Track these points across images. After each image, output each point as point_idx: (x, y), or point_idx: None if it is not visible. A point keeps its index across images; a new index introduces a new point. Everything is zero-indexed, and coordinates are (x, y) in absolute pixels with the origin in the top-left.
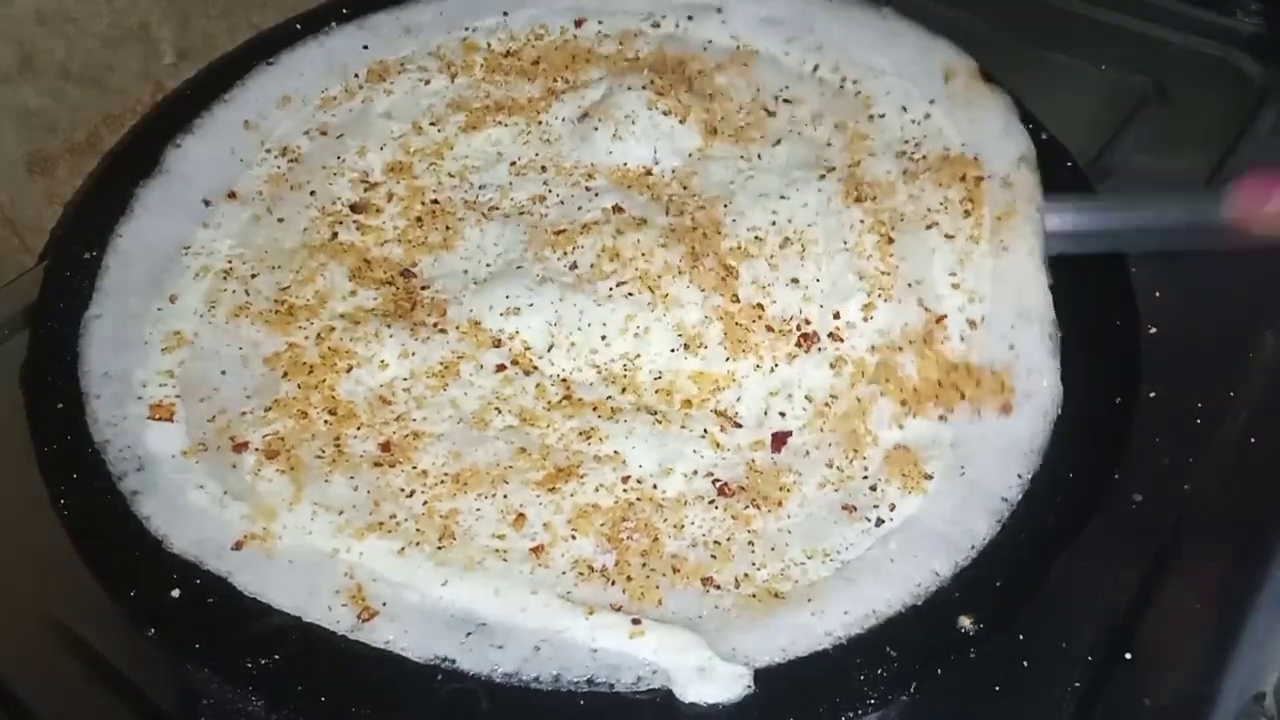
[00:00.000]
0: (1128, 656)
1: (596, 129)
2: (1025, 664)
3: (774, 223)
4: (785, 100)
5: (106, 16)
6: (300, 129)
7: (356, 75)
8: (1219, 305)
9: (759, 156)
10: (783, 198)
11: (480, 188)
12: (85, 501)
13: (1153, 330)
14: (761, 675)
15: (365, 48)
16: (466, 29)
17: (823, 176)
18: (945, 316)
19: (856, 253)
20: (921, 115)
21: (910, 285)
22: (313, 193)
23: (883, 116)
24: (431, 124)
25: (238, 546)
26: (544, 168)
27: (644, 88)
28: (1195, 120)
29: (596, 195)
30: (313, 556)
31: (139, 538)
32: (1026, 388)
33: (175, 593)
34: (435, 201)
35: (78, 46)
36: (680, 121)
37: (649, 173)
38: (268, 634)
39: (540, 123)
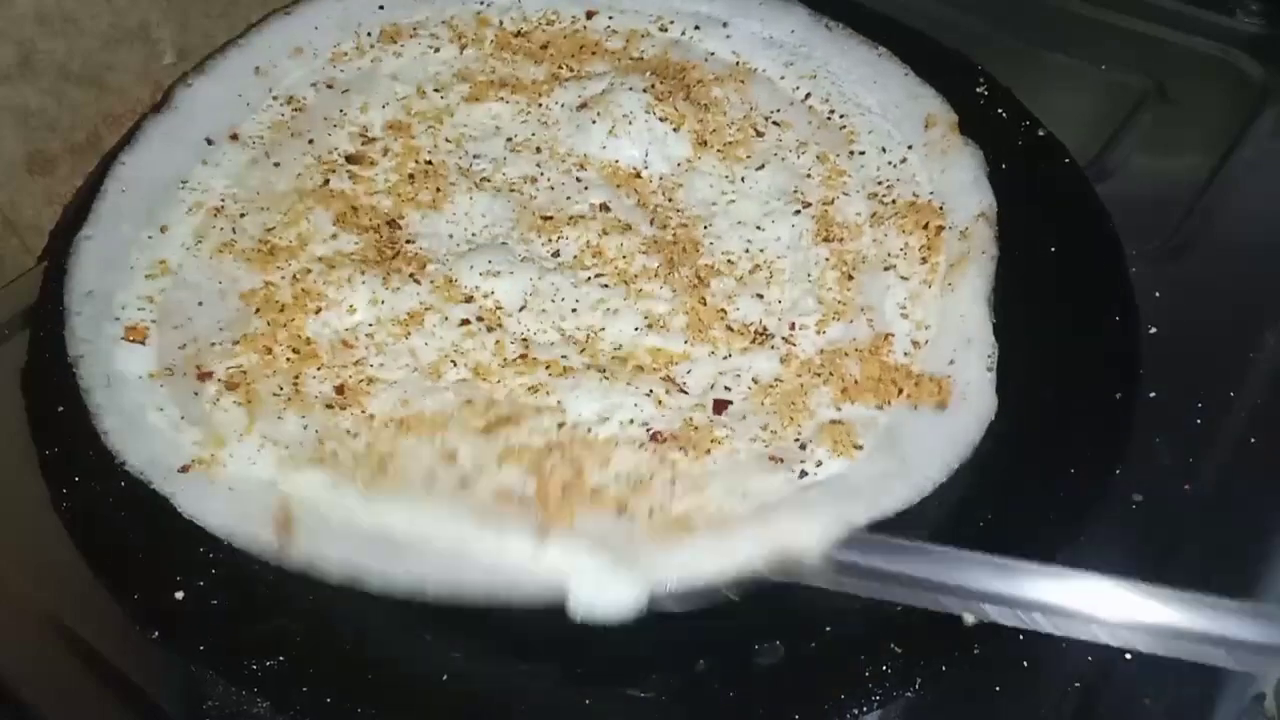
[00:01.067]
0: (1128, 656)
1: (594, 121)
2: (1025, 664)
3: (747, 250)
4: (775, 123)
5: (106, 16)
6: (308, 80)
7: (369, 34)
8: (1219, 305)
9: (742, 179)
10: (758, 228)
11: (475, 156)
12: (88, 505)
13: (1153, 330)
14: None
15: (381, 8)
16: (481, 3)
17: (797, 212)
18: (892, 335)
19: (818, 284)
20: (898, 159)
21: (862, 309)
22: (311, 141)
23: (863, 154)
24: (435, 90)
25: (184, 469)
26: (539, 149)
27: (645, 90)
28: (1195, 120)
29: (586, 188)
30: (251, 485)
31: (142, 538)
32: (963, 393)
33: (179, 595)
34: (429, 162)
35: (78, 46)
36: (675, 129)
37: (638, 175)
38: (273, 635)
39: (541, 105)
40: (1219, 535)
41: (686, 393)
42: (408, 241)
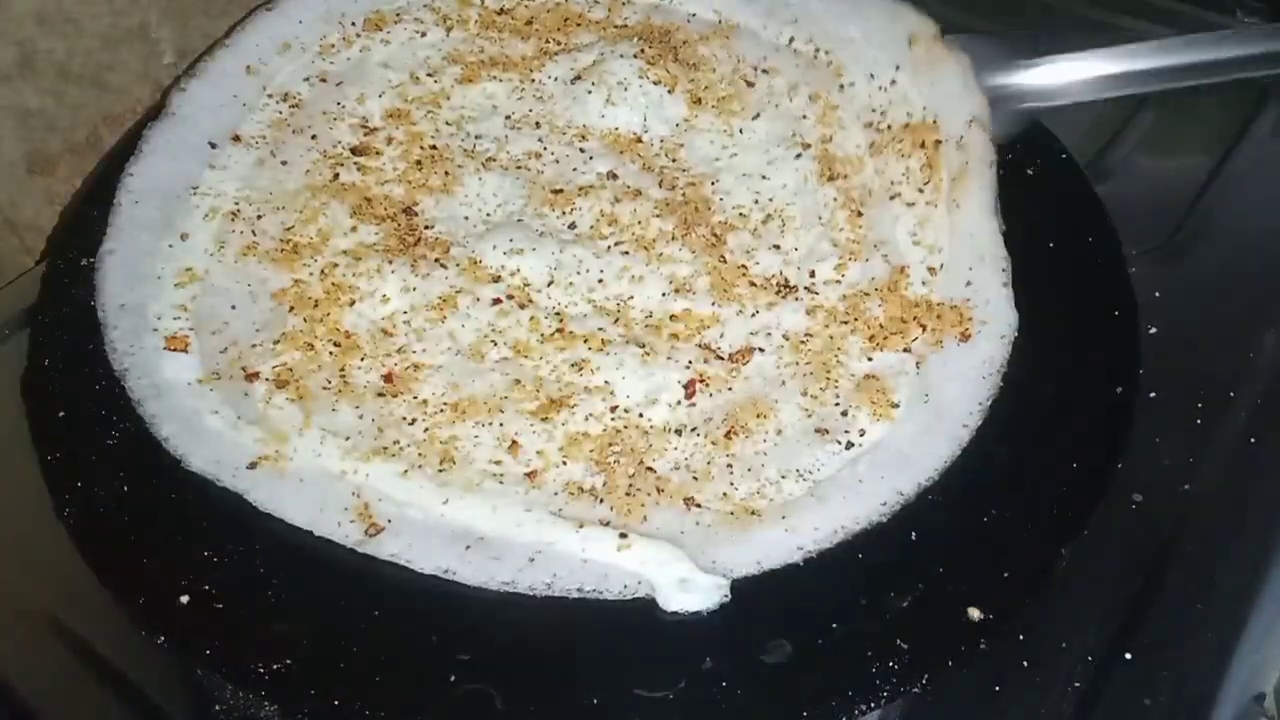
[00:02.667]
0: (1128, 656)
1: (590, 92)
2: (1025, 664)
3: (756, 201)
4: (763, 71)
5: (106, 16)
6: (300, 75)
7: (354, 24)
8: (1219, 305)
9: (740, 131)
10: (764, 178)
11: (477, 137)
12: (90, 509)
13: (1153, 330)
14: (777, 666)
15: None
16: None
17: (799, 156)
18: (908, 267)
19: (830, 226)
20: (888, 81)
21: (875, 245)
22: (314, 136)
23: (852, 85)
24: (429, 75)
25: (252, 466)
26: (538, 124)
27: (635, 56)
28: (1195, 120)
29: (591, 159)
30: (322, 477)
31: (145, 543)
32: (983, 315)
33: (184, 599)
34: (434, 147)
35: (78, 46)
36: (669, 91)
37: (639, 140)
38: (279, 639)
39: (534, 80)
40: (1219, 535)
41: (722, 358)
42: (426, 227)
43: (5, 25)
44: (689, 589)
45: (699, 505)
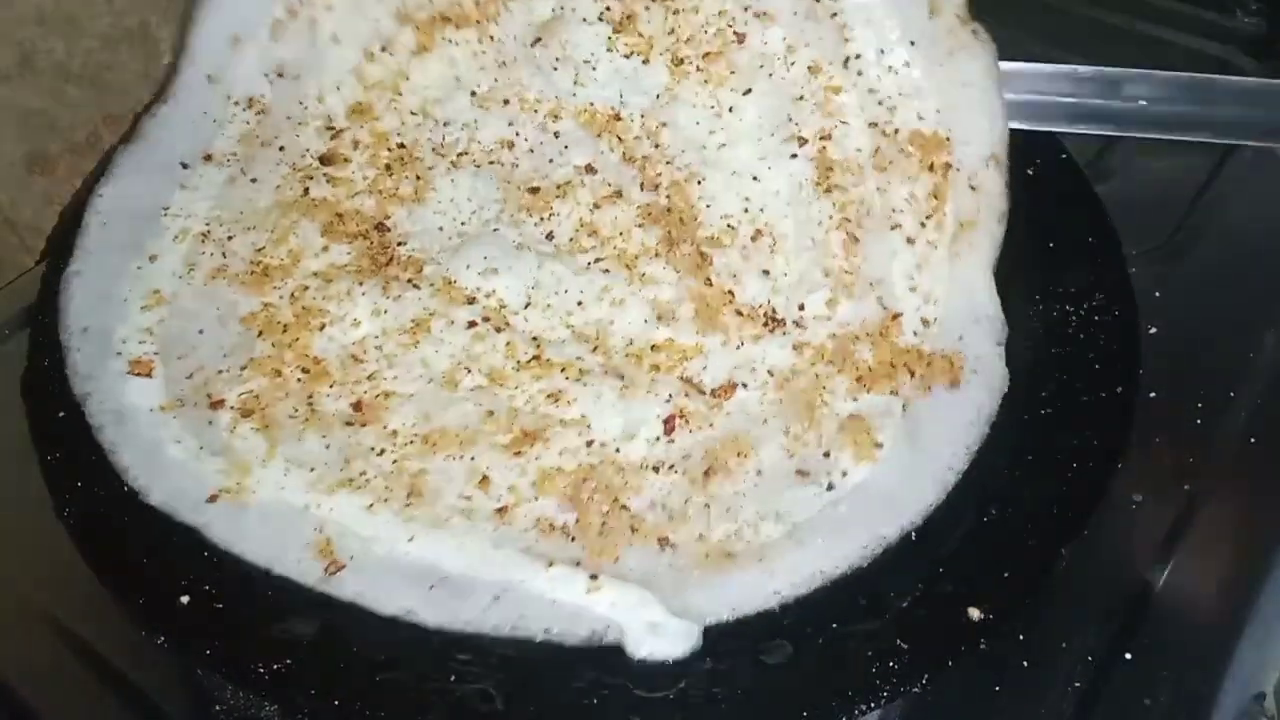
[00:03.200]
0: (1128, 656)
1: (556, 68)
2: (1025, 664)
3: (746, 210)
4: (755, 14)
5: (106, 16)
6: (259, 71)
7: None
8: (1219, 305)
9: (730, 109)
10: (755, 179)
11: (445, 125)
12: (90, 510)
13: (1153, 330)
14: (777, 666)
15: None
16: None
17: (794, 156)
18: (901, 315)
19: (823, 250)
20: (900, 62)
21: (871, 284)
22: (282, 148)
23: (858, 58)
24: (383, 49)
25: (212, 499)
26: (506, 101)
27: (599, 19)
28: None
29: (566, 147)
30: (285, 511)
31: (145, 544)
32: (975, 366)
33: (184, 599)
34: (402, 146)
35: (78, 46)
36: (644, 61)
37: (617, 117)
38: (279, 640)
39: (492, 39)
40: (1219, 535)
41: (704, 392)
42: (399, 244)
43: (5, 25)
44: (659, 634)
45: (673, 546)
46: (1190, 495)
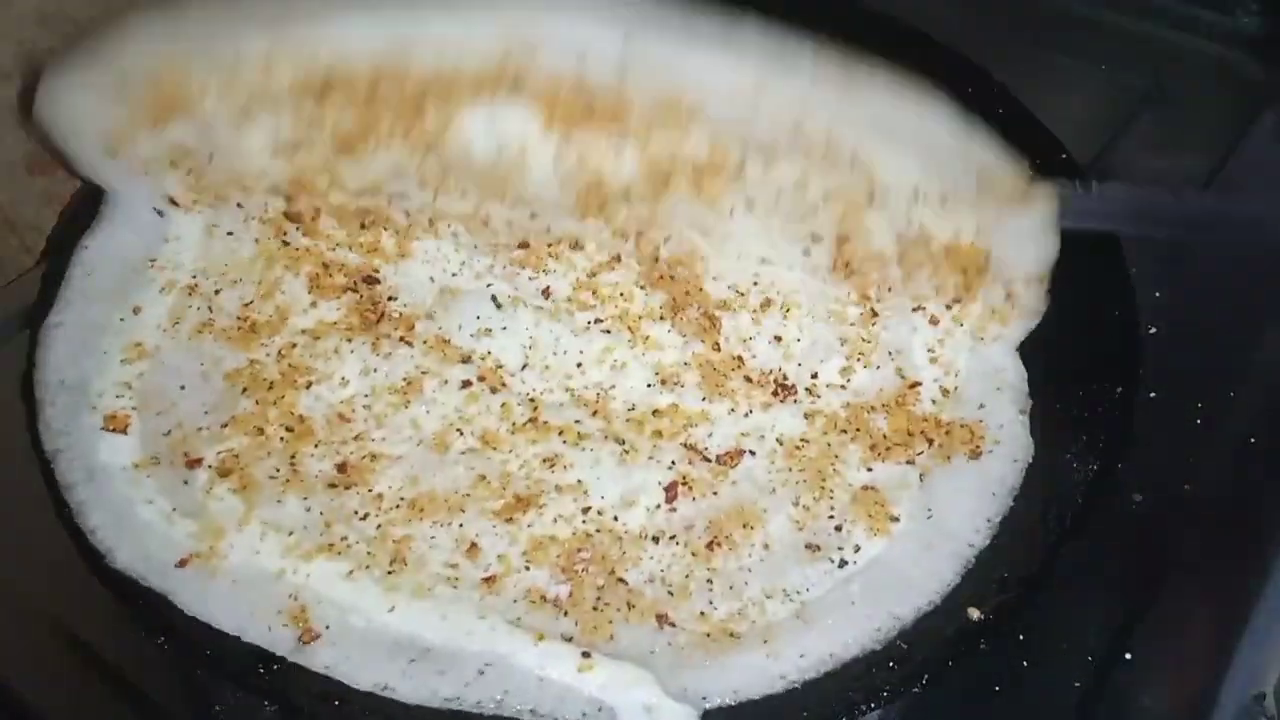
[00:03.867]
0: (1128, 656)
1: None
2: (1025, 664)
3: (756, 283)
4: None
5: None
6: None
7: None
8: (1219, 305)
9: (730, 213)
10: (764, 261)
11: (404, 196)
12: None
13: (1153, 330)
14: None
15: None
16: None
17: (807, 253)
18: (920, 384)
19: (839, 319)
20: (937, 201)
21: (890, 354)
22: (239, 204)
23: (886, 192)
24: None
25: (181, 564)
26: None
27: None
28: (1195, 120)
29: (549, 229)
30: (257, 576)
31: None
32: (996, 436)
33: None
34: (367, 211)
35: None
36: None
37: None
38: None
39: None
40: (1219, 535)
41: (709, 460)
42: (390, 299)
43: (6, 25)
44: (655, 717)
45: (673, 624)
46: (1190, 495)
